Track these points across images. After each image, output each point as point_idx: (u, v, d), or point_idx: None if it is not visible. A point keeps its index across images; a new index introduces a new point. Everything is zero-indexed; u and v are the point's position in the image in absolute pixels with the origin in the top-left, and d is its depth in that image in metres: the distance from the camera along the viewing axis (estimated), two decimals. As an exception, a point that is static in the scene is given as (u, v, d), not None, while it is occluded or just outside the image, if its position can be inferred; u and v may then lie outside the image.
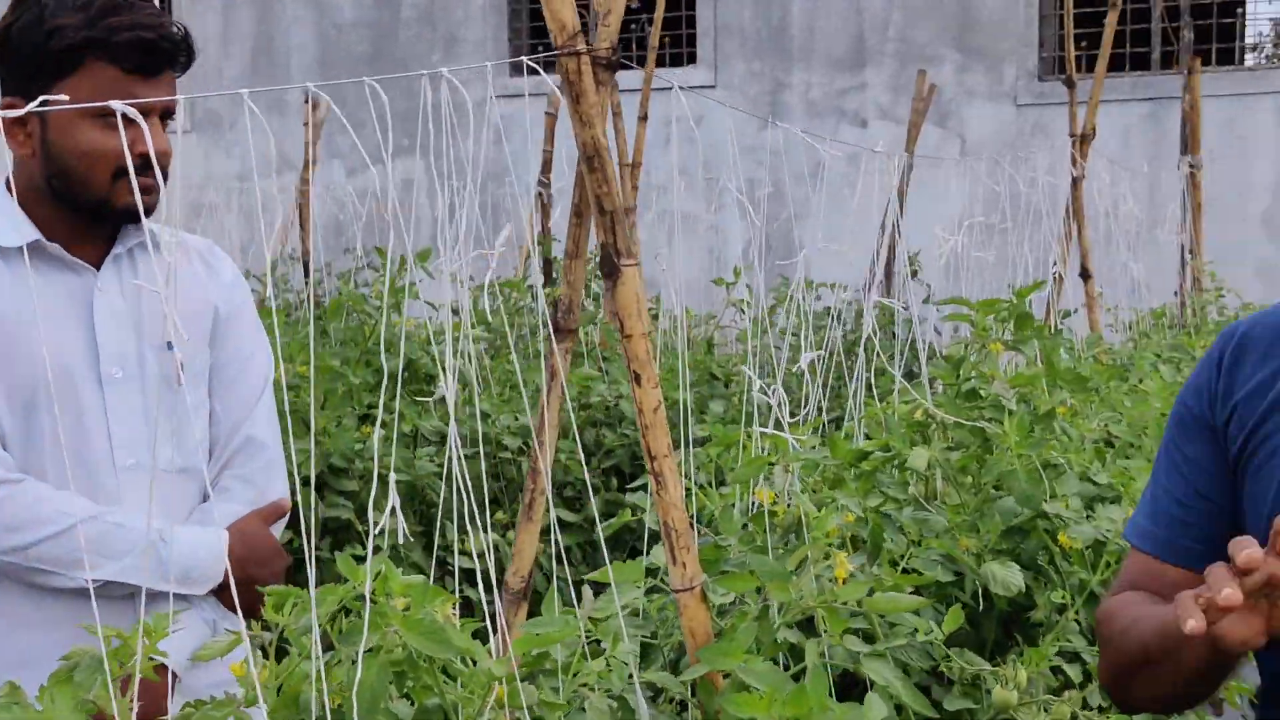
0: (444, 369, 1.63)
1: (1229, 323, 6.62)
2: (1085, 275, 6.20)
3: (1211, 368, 1.48)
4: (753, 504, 2.71)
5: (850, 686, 2.60)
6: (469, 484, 1.60)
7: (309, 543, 1.49)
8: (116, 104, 1.27)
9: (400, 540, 1.70)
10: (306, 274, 7.49)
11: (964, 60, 10.69)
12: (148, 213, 1.81)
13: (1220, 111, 9.85)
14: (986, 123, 10.63)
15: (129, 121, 1.25)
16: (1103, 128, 9.91)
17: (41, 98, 1.39)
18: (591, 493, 4.68)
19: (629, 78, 7.70)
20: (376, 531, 1.65)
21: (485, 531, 4.20)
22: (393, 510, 1.71)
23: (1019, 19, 10.51)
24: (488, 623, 1.82)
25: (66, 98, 1.72)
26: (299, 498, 1.69)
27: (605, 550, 4.26)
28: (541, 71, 1.78)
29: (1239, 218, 10.01)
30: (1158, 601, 1.43)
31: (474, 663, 1.68)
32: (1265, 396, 1.40)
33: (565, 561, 4.70)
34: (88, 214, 1.98)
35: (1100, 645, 1.54)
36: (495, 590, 1.90)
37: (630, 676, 1.97)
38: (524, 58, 1.62)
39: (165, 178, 1.64)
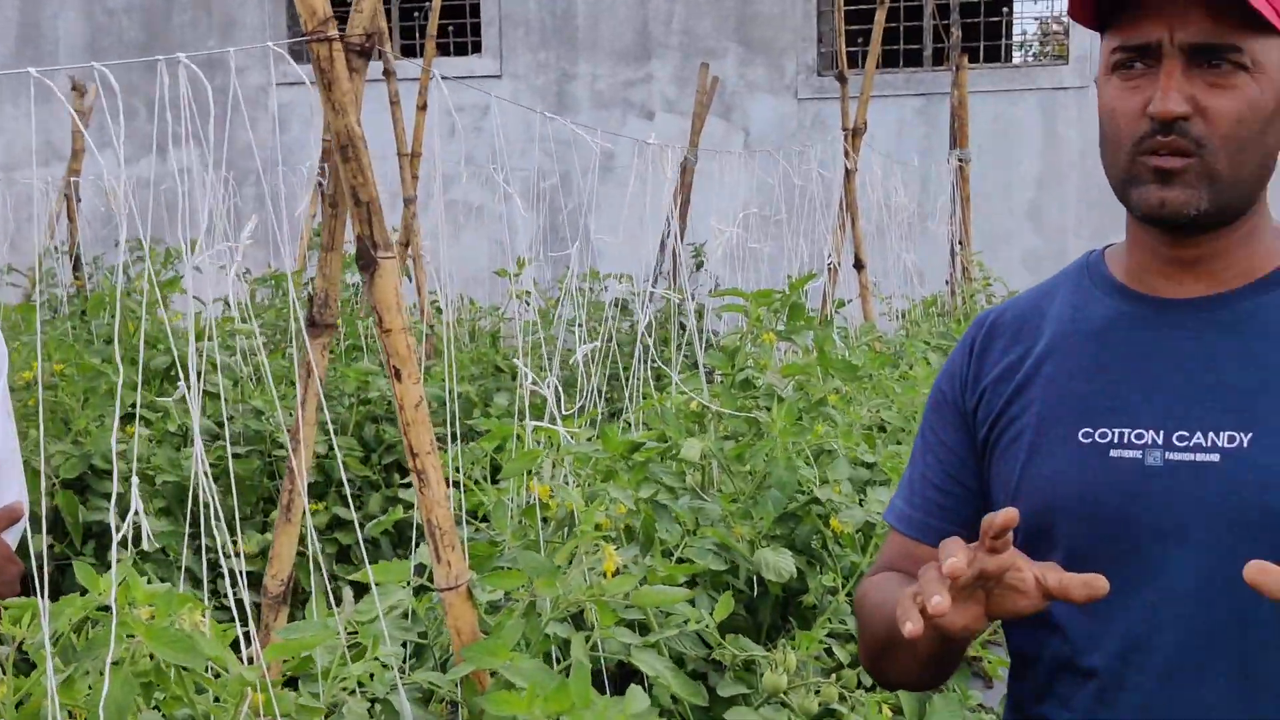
0: (187, 364, 1.57)
1: (997, 310, 6.89)
2: (859, 265, 6.36)
3: (964, 353, 1.51)
4: (529, 498, 2.69)
5: (630, 677, 2.60)
6: (212, 485, 1.53)
7: (40, 552, 1.41)
8: None
9: (146, 544, 1.62)
10: (76, 268, 7.19)
11: (746, 53, 10.85)
12: None
13: (988, 107, 10.23)
14: (769, 116, 10.82)
15: None
16: (877, 122, 10.19)
17: None
18: (371, 489, 4.61)
19: (414, 66, 7.58)
20: (120, 536, 1.58)
21: (260, 532, 4.08)
22: (137, 512, 1.63)
23: (797, 13, 10.73)
24: (251, 627, 1.76)
25: None
26: (58, 500, 1.59)
27: (379, 547, 4.18)
28: (290, 59, 1.72)
29: (1006, 209, 10.41)
30: (909, 582, 1.45)
31: (225, 671, 1.62)
32: (1011, 381, 1.44)
33: (348, 560, 4.60)
34: None
35: (857, 627, 1.57)
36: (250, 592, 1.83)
37: (395, 678, 1.93)
38: (269, 43, 1.56)
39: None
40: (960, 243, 7.85)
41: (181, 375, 1.51)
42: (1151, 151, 1.30)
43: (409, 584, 2.15)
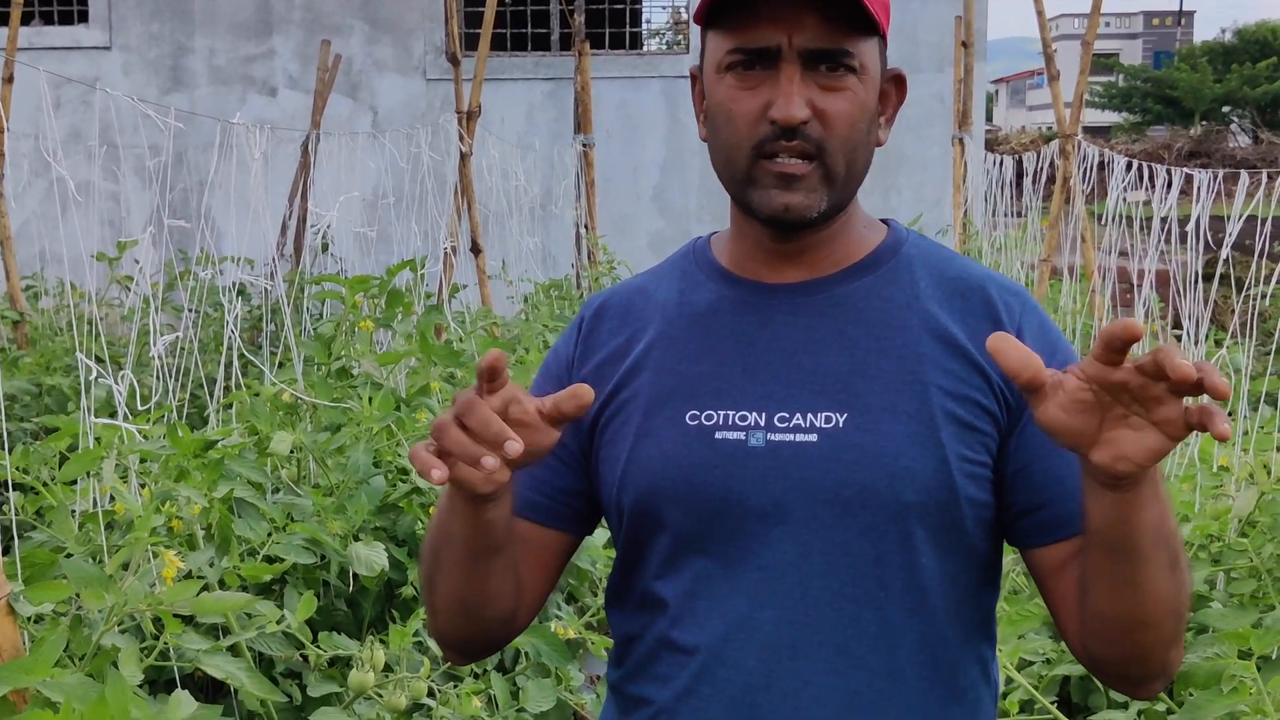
0: None
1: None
2: (476, 250, 6.34)
3: (572, 333, 1.51)
4: (105, 500, 2.54)
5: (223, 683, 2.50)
6: None
7: None
8: None
9: None
10: None
11: (373, 31, 10.67)
12: None
13: (615, 93, 10.43)
14: (398, 96, 10.68)
15: None
16: (507, 105, 10.23)
17: None
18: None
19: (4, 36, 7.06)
20: None
21: None
22: None
23: (424, -7, 10.63)
24: None
25: None
26: None
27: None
28: None
29: (633, 193, 10.65)
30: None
31: None
32: (620, 364, 1.44)
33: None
34: None
35: (420, 578, 1.51)
36: None
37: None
38: None
39: None
40: (586, 226, 7.97)
41: None
42: (772, 155, 1.32)
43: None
